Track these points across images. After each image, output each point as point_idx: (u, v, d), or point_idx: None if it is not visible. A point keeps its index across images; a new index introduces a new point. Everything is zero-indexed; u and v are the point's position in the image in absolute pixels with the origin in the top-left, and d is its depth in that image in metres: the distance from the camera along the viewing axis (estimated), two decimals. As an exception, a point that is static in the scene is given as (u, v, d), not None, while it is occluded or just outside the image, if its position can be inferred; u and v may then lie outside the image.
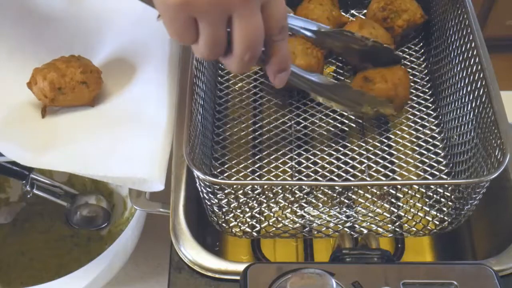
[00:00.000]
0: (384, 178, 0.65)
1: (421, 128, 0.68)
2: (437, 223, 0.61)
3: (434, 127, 0.69)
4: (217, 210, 0.60)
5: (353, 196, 0.62)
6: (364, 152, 0.66)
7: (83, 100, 0.68)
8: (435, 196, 0.61)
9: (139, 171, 0.61)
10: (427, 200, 0.61)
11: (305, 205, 0.61)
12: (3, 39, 0.75)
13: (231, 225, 0.61)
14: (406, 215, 0.62)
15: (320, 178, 0.64)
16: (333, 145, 0.67)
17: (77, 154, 0.63)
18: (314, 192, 0.61)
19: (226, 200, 0.59)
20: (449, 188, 0.60)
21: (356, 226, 0.61)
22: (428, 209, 0.61)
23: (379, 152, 0.66)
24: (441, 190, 0.60)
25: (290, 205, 0.61)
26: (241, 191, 0.60)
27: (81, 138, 0.65)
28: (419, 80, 0.73)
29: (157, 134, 0.64)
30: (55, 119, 0.68)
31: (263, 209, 0.61)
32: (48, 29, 0.77)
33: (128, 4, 0.77)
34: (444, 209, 0.61)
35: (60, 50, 0.72)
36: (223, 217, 0.60)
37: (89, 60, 0.70)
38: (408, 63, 0.75)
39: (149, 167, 0.61)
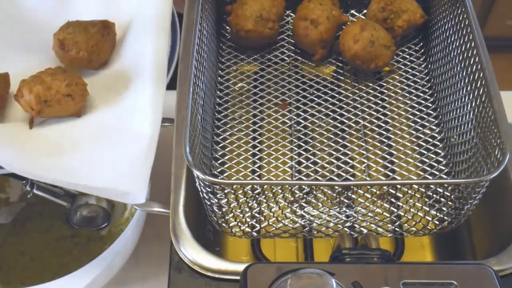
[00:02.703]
0: (384, 178, 0.65)
1: (421, 128, 0.68)
2: (437, 222, 0.61)
3: (434, 127, 0.69)
4: (216, 210, 0.60)
5: (353, 196, 0.62)
6: (364, 152, 0.66)
7: (68, 112, 0.69)
8: (435, 195, 0.61)
9: (121, 183, 0.60)
10: (427, 199, 0.61)
11: (305, 205, 0.61)
12: None
13: (231, 225, 0.61)
14: (406, 215, 0.62)
15: (320, 178, 0.64)
16: (333, 145, 0.67)
17: (61, 165, 0.63)
18: (314, 192, 0.61)
19: (226, 200, 0.59)
20: (449, 188, 0.59)
21: (356, 226, 0.61)
22: (428, 208, 0.61)
23: (379, 152, 0.66)
24: (441, 190, 0.60)
25: (290, 205, 0.61)
26: (241, 191, 0.60)
27: (66, 149, 0.65)
28: (419, 80, 0.73)
29: (141, 146, 0.63)
30: (42, 129, 0.68)
31: (263, 209, 0.61)
32: (36, 38, 0.76)
33: (117, 14, 0.76)
34: (444, 208, 0.61)
35: (49, 59, 0.72)
36: (222, 217, 0.60)
37: (76, 71, 0.70)
38: (408, 63, 0.75)
39: (132, 180, 0.61)
